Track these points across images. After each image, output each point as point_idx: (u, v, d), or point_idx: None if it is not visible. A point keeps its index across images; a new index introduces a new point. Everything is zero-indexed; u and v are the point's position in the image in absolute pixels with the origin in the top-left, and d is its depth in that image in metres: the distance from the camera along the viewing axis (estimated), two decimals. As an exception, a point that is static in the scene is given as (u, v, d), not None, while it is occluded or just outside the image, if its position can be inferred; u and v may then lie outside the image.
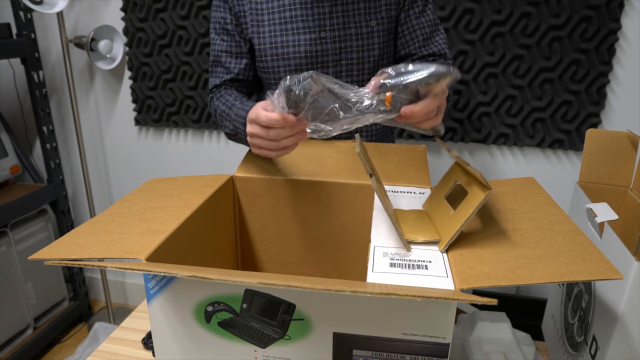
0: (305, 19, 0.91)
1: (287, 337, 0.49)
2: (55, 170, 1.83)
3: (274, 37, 0.93)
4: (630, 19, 1.32)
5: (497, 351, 0.65)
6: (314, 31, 0.91)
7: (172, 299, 0.51)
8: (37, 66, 1.71)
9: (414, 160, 0.84)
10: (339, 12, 0.91)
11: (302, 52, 0.92)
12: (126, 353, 0.76)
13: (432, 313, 0.45)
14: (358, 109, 0.62)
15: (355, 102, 0.62)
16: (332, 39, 0.92)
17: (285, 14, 0.91)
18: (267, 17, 0.93)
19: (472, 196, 0.54)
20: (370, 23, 0.92)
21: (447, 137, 1.54)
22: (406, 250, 0.55)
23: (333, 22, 0.91)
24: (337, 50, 0.93)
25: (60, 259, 0.50)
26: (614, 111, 1.41)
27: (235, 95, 0.93)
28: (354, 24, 0.92)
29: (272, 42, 0.93)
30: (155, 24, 1.66)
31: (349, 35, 0.92)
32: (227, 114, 0.88)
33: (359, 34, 0.92)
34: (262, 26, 0.93)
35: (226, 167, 1.81)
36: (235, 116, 0.84)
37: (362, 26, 0.92)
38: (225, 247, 0.80)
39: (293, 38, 0.92)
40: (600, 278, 0.43)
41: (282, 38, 0.92)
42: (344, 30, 0.92)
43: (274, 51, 0.94)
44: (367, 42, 0.93)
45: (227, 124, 0.88)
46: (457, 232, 0.53)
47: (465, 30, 1.42)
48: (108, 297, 1.98)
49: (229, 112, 0.88)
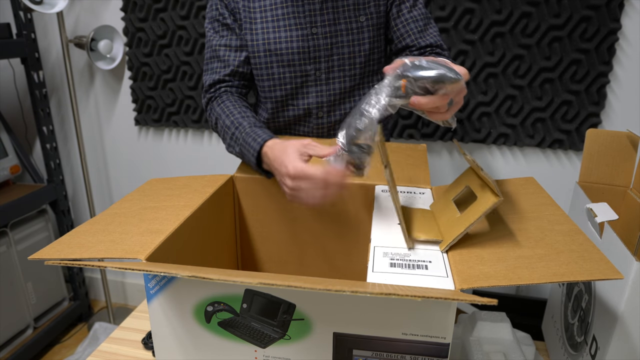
0: (297, 15, 0.93)
1: (287, 337, 0.49)
2: (55, 170, 1.83)
3: (266, 33, 0.94)
4: (630, 19, 1.32)
5: (497, 351, 0.65)
6: (305, 27, 0.93)
7: (172, 299, 0.51)
8: (37, 66, 1.71)
9: (414, 160, 0.84)
10: (329, 8, 0.93)
11: (294, 48, 0.94)
12: (126, 353, 0.76)
13: (432, 313, 0.45)
14: (378, 90, 0.63)
15: (375, 88, 0.64)
16: (323, 35, 0.94)
17: (277, 11, 0.93)
18: (260, 14, 0.94)
19: (481, 201, 0.54)
20: (360, 18, 0.95)
21: (447, 137, 1.54)
22: (408, 247, 0.55)
23: (324, 18, 0.93)
24: (329, 46, 0.95)
25: (60, 259, 0.50)
26: (614, 111, 1.41)
27: (239, 107, 0.91)
28: (343, 19, 0.94)
29: (265, 38, 0.94)
30: (155, 24, 1.66)
31: (339, 30, 0.94)
32: (232, 134, 0.87)
33: (349, 29, 0.95)
34: (254, 23, 0.94)
35: (226, 167, 1.81)
36: (243, 142, 0.83)
37: (351, 22, 0.95)
38: (225, 247, 0.80)
39: (285, 35, 0.94)
40: (600, 278, 0.43)
41: (274, 34, 0.94)
42: (334, 26, 0.94)
43: (267, 47, 0.95)
44: (358, 37, 0.96)
45: (234, 145, 0.87)
46: (459, 235, 0.53)
47: (465, 30, 1.42)
48: (108, 297, 1.98)
49: (235, 132, 0.86)
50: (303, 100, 0.98)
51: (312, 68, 0.96)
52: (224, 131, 0.90)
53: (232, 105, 0.92)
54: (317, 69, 0.96)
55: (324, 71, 0.96)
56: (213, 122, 0.95)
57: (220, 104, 0.93)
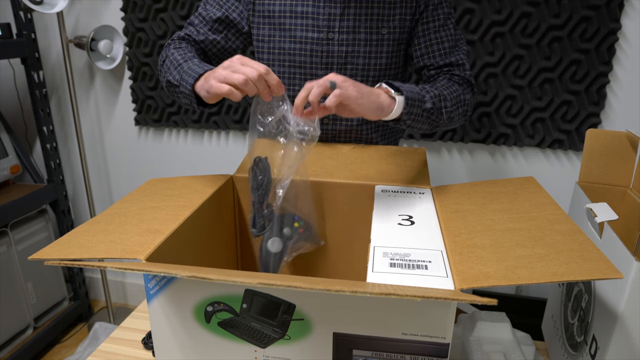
0: (316, 17, 0.89)
1: (287, 337, 0.49)
2: (55, 170, 1.83)
3: (282, 30, 0.91)
4: (630, 19, 1.32)
5: (497, 351, 0.65)
6: (322, 31, 0.90)
7: (172, 299, 0.51)
8: (37, 66, 1.71)
9: (414, 162, 0.84)
10: (350, 15, 0.89)
11: (307, 50, 0.91)
12: (126, 353, 0.76)
13: (432, 313, 0.45)
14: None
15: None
16: (339, 42, 0.90)
17: (297, 8, 0.90)
18: (279, 7, 0.91)
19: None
20: (382, 30, 0.90)
21: (447, 137, 1.54)
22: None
23: (343, 24, 0.89)
24: (344, 54, 0.91)
25: (60, 259, 0.50)
26: (614, 111, 1.41)
27: (197, 57, 0.86)
28: (364, 29, 0.90)
29: (281, 35, 0.91)
30: (155, 24, 1.66)
31: (357, 40, 0.90)
32: (178, 64, 0.82)
33: (368, 39, 0.90)
34: (272, 17, 0.91)
35: (226, 167, 1.81)
36: (188, 69, 0.78)
37: (372, 32, 0.90)
38: (225, 247, 0.80)
39: (301, 34, 0.91)
40: (600, 277, 0.43)
41: (290, 33, 0.91)
42: (353, 34, 0.90)
43: (282, 44, 0.92)
44: (375, 50, 0.91)
45: (174, 73, 0.81)
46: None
47: (465, 30, 1.42)
48: (108, 297, 1.98)
49: (183, 63, 0.81)
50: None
51: (323, 74, 0.92)
52: (171, 65, 0.84)
53: (190, 52, 0.87)
54: None
55: None
56: (161, 60, 0.90)
57: (179, 48, 0.89)
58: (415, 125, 0.79)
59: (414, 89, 0.76)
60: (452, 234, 0.57)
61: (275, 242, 0.69)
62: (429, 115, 0.79)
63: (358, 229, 0.79)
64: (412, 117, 0.76)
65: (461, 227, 0.58)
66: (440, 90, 0.83)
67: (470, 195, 0.68)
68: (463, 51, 0.94)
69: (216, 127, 1.74)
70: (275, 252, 0.69)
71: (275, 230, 0.70)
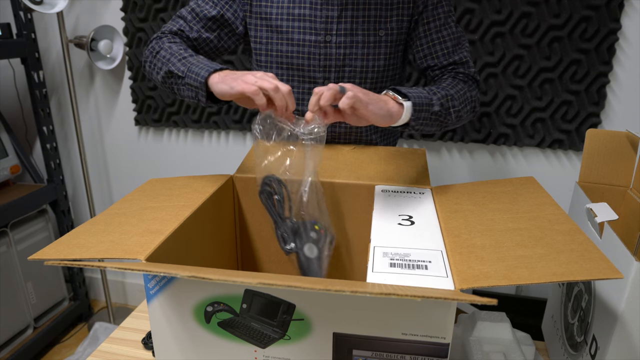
0: (313, 19, 0.89)
1: (287, 337, 0.49)
2: (55, 170, 1.83)
3: (279, 32, 0.91)
4: (630, 19, 1.32)
5: (497, 351, 0.65)
6: (320, 33, 0.89)
7: (172, 299, 0.51)
8: (37, 66, 1.71)
9: (414, 162, 0.84)
10: (347, 17, 0.88)
11: (305, 53, 0.91)
12: (126, 353, 0.76)
13: (432, 313, 0.45)
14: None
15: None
16: (337, 44, 0.90)
17: (295, 10, 0.89)
18: (276, 10, 0.90)
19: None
20: (379, 32, 0.90)
21: (447, 137, 1.54)
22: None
23: (340, 27, 0.89)
24: (341, 56, 0.91)
25: (60, 259, 0.50)
26: (614, 111, 1.41)
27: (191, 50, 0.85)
28: (361, 31, 0.90)
29: (278, 37, 0.91)
30: (155, 24, 1.66)
31: (355, 42, 0.90)
32: (182, 57, 0.80)
33: (365, 41, 0.90)
34: (269, 19, 0.91)
35: (226, 167, 1.81)
36: (198, 62, 0.77)
37: (369, 34, 0.90)
38: (225, 247, 0.80)
39: (299, 37, 0.90)
40: (600, 277, 0.43)
41: (287, 35, 0.90)
42: (350, 36, 0.90)
43: (279, 47, 0.91)
44: (373, 52, 0.91)
45: (178, 65, 0.79)
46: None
47: (466, 30, 1.42)
48: (108, 297, 1.98)
49: (188, 57, 0.79)
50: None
51: (321, 77, 0.92)
52: (171, 56, 0.81)
53: (183, 48, 0.85)
54: (326, 78, 0.93)
55: (333, 81, 0.92)
56: (153, 52, 0.87)
57: (174, 42, 0.87)
58: (424, 128, 0.79)
59: (420, 93, 0.76)
60: (452, 234, 0.57)
61: (312, 248, 0.69)
62: (437, 118, 0.79)
63: (358, 229, 0.79)
64: (421, 122, 0.76)
65: (461, 227, 0.58)
66: (447, 90, 0.83)
67: (470, 195, 0.68)
68: (466, 48, 0.94)
69: (216, 127, 1.74)
70: (314, 257, 0.69)
71: (304, 237, 0.70)
